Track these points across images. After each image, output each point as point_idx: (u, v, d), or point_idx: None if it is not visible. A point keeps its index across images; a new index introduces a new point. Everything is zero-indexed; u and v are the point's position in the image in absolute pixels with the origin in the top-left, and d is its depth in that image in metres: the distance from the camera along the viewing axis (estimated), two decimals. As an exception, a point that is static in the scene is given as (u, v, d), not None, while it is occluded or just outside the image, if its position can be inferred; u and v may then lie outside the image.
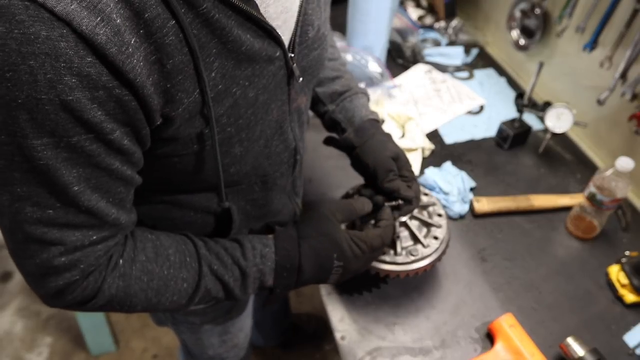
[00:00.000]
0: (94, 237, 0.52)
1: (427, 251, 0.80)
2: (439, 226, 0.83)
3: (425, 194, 0.88)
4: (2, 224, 0.50)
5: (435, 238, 0.82)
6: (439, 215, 0.85)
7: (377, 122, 0.82)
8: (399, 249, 0.80)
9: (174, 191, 0.66)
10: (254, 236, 0.66)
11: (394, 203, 0.75)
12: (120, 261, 0.57)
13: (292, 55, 0.60)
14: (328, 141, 0.84)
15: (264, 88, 0.57)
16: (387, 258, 0.79)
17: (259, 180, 0.69)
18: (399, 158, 0.78)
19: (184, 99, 0.49)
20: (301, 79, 0.63)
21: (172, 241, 0.62)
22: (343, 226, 0.71)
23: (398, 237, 0.80)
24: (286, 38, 0.58)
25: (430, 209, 0.86)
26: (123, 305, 0.58)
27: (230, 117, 0.55)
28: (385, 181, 0.75)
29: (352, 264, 0.67)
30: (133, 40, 0.42)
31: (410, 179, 0.77)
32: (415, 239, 0.82)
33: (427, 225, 0.84)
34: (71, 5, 0.39)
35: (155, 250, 0.59)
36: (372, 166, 0.76)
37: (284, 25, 0.58)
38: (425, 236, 0.83)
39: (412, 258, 0.79)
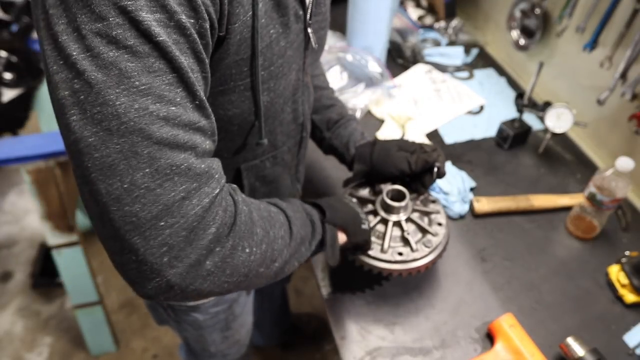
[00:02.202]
0: (207, 142, 0.48)
1: (426, 250, 0.80)
2: (437, 212, 0.85)
3: (433, 201, 0.88)
4: (115, 152, 0.41)
5: (439, 225, 0.83)
6: (437, 212, 0.85)
7: (369, 142, 0.88)
8: (386, 246, 0.80)
9: None
10: None
11: (435, 172, 0.82)
12: (234, 185, 0.55)
13: (310, 21, 0.64)
14: (347, 183, 0.91)
15: (291, 44, 0.61)
16: (384, 257, 0.79)
17: (270, 156, 0.73)
18: (403, 144, 0.84)
19: (240, 14, 0.51)
20: (316, 45, 0.68)
21: None
22: None
23: (408, 233, 0.81)
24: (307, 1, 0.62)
25: (433, 216, 0.86)
26: (251, 240, 0.52)
27: (265, 61, 0.58)
28: (413, 166, 0.81)
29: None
30: None
31: (420, 147, 0.83)
32: (423, 232, 0.82)
33: (427, 213, 0.85)
34: None
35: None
36: (395, 173, 0.83)
37: None
38: (430, 225, 0.84)
39: (399, 258, 0.79)
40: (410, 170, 0.81)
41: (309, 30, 0.64)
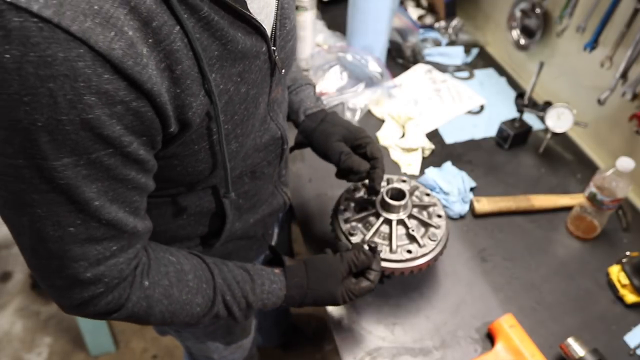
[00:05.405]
0: (114, 248, 0.52)
1: (433, 243, 0.81)
2: (434, 204, 0.86)
3: (427, 194, 0.88)
4: (22, 243, 0.50)
5: (439, 217, 0.84)
6: (434, 204, 0.86)
7: (319, 112, 0.85)
8: (394, 247, 0.80)
9: (168, 190, 0.66)
10: (264, 270, 0.71)
11: (365, 182, 0.78)
12: (146, 283, 0.59)
13: (274, 48, 0.61)
14: (293, 149, 0.87)
15: (253, 82, 0.59)
16: (395, 257, 0.79)
17: (248, 172, 0.71)
18: (349, 134, 0.81)
19: (192, 102, 0.50)
20: (283, 71, 0.65)
21: (191, 266, 0.65)
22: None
23: (413, 230, 0.81)
24: (268, 32, 0.60)
25: (430, 209, 0.86)
26: (140, 321, 0.62)
27: (227, 114, 0.56)
28: (341, 164, 0.79)
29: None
30: (145, 50, 0.43)
31: (364, 145, 0.80)
32: (426, 225, 0.83)
33: (425, 207, 0.86)
34: (85, 23, 0.38)
35: (177, 276, 0.62)
36: (325, 156, 0.82)
37: (266, 19, 0.59)
38: (430, 218, 0.84)
39: (408, 256, 0.79)
40: (337, 166, 0.80)
41: (275, 56, 0.61)
